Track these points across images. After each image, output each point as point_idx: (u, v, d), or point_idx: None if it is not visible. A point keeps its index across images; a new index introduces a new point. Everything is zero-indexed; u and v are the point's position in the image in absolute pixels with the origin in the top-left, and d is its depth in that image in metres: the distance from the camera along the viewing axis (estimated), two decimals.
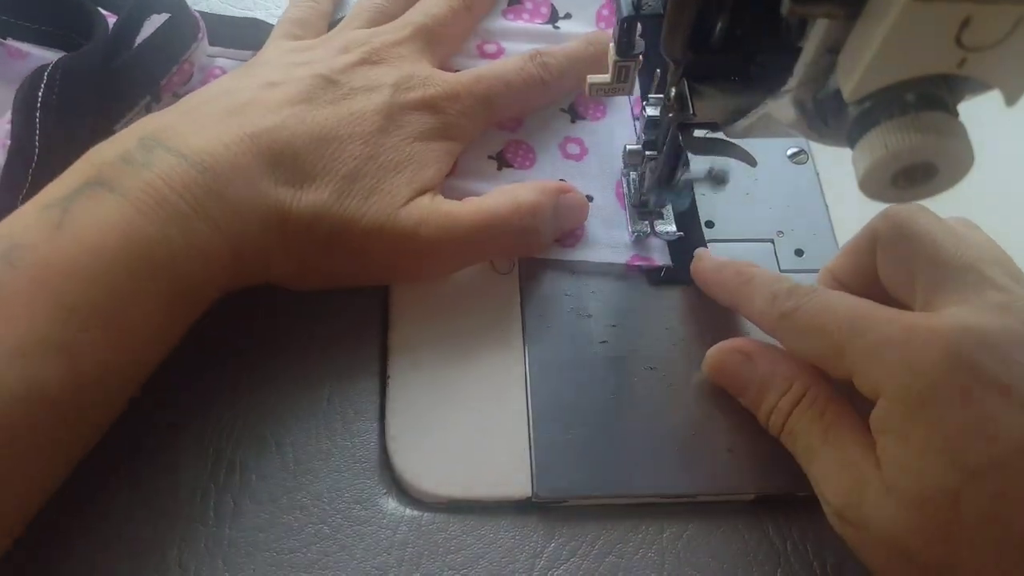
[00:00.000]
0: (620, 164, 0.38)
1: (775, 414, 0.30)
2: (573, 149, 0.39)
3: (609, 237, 0.37)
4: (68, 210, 0.26)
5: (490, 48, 0.40)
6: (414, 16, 0.37)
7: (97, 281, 0.26)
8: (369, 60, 0.35)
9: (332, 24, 0.40)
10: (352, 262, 0.33)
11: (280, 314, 0.34)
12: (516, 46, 0.40)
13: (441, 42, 0.38)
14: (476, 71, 0.36)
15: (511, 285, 0.35)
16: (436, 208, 0.33)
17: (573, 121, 0.39)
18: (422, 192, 0.33)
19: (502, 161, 0.38)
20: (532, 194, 0.34)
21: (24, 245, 0.25)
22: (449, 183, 0.36)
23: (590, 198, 0.37)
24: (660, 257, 0.36)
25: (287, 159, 0.30)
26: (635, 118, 0.40)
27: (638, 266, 0.36)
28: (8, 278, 0.25)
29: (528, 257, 0.36)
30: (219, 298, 0.31)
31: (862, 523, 0.26)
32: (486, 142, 0.38)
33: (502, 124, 0.38)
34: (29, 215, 0.27)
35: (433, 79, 0.35)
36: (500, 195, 0.34)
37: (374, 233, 0.31)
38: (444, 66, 0.38)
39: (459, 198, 0.34)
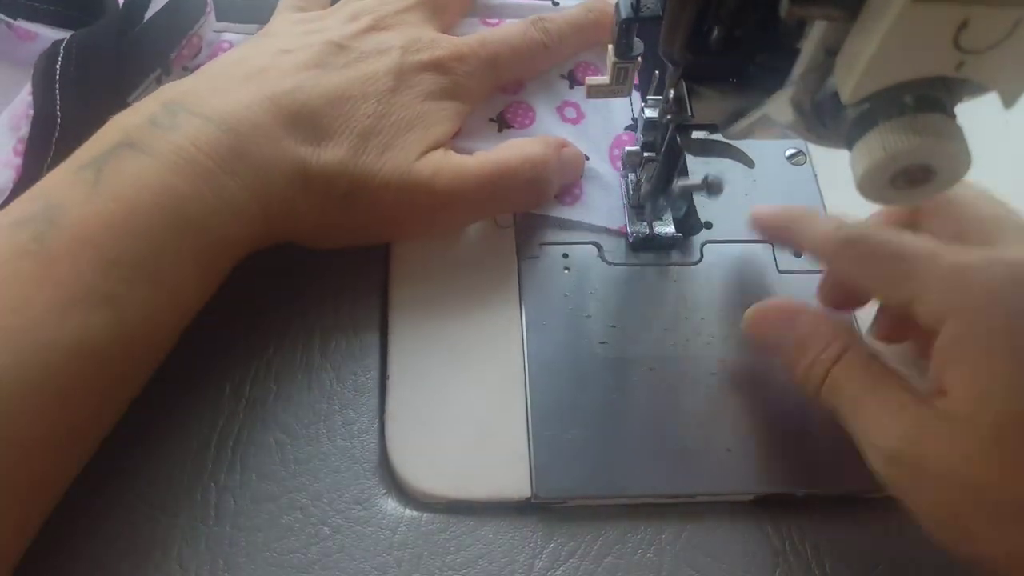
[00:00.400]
0: (616, 130, 0.40)
1: (816, 365, 0.29)
2: (570, 113, 0.40)
3: (605, 201, 0.38)
4: (101, 170, 0.27)
5: (493, 22, 0.42)
6: None
7: (136, 235, 0.27)
8: (377, 26, 0.36)
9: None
10: (370, 216, 0.34)
11: (280, 312, 0.35)
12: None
13: (446, 11, 0.39)
14: (481, 35, 0.38)
15: (510, 282, 0.36)
16: (448, 160, 0.34)
17: (571, 87, 0.41)
18: (434, 148, 0.34)
19: (502, 123, 0.39)
20: (539, 146, 0.35)
21: (63, 205, 0.27)
22: (453, 145, 0.37)
23: (587, 159, 0.38)
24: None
25: (304, 119, 0.31)
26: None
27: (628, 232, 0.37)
28: (51, 235, 0.26)
29: (530, 213, 0.37)
30: (216, 297, 0.31)
31: (920, 463, 0.26)
32: (486, 105, 0.39)
33: (503, 88, 0.40)
34: (64, 176, 0.28)
35: (440, 42, 0.36)
36: (508, 148, 0.35)
37: (391, 186, 0.32)
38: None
39: None
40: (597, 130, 0.40)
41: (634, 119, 0.40)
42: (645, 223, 0.37)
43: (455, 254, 0.36)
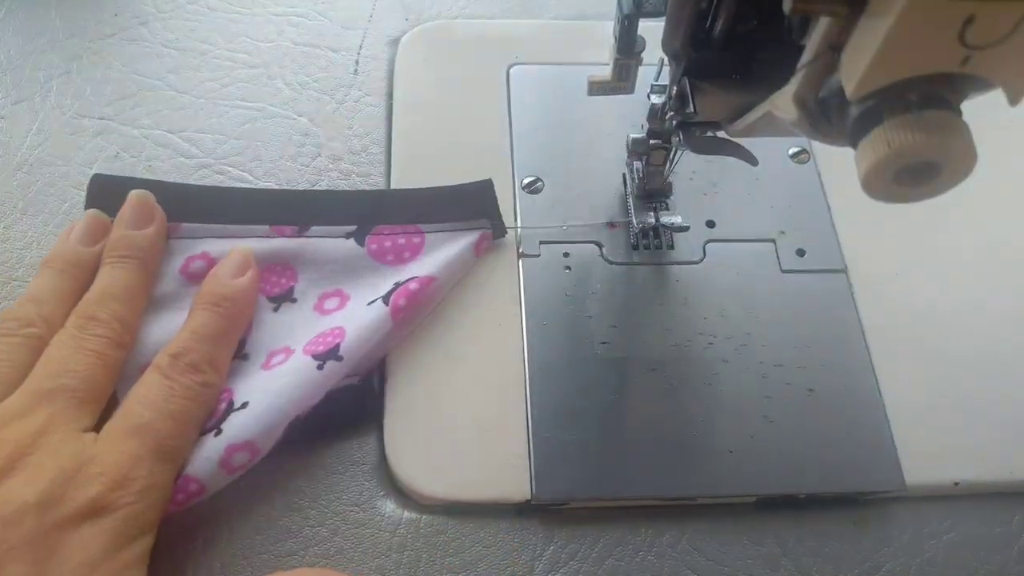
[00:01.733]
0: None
1: None
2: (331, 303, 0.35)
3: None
4: None
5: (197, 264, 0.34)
6: (47, 381, 0.27)
7: None
8: None
9: None
10: None
11: None
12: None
13: (98, 399, 0.28)
14: (134, 424, 0.27)
15: (511, 281, 0.35)
16: None
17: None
18: None
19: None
20: None
21: None
22: None
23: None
24: None
25: None
26: None
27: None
28: None
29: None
30: None
31: None
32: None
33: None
34: None
35: (91, 468, 0.26)
36: None
37: None
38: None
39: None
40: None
41: None
42: (651, 213, 0.36)
43: None
